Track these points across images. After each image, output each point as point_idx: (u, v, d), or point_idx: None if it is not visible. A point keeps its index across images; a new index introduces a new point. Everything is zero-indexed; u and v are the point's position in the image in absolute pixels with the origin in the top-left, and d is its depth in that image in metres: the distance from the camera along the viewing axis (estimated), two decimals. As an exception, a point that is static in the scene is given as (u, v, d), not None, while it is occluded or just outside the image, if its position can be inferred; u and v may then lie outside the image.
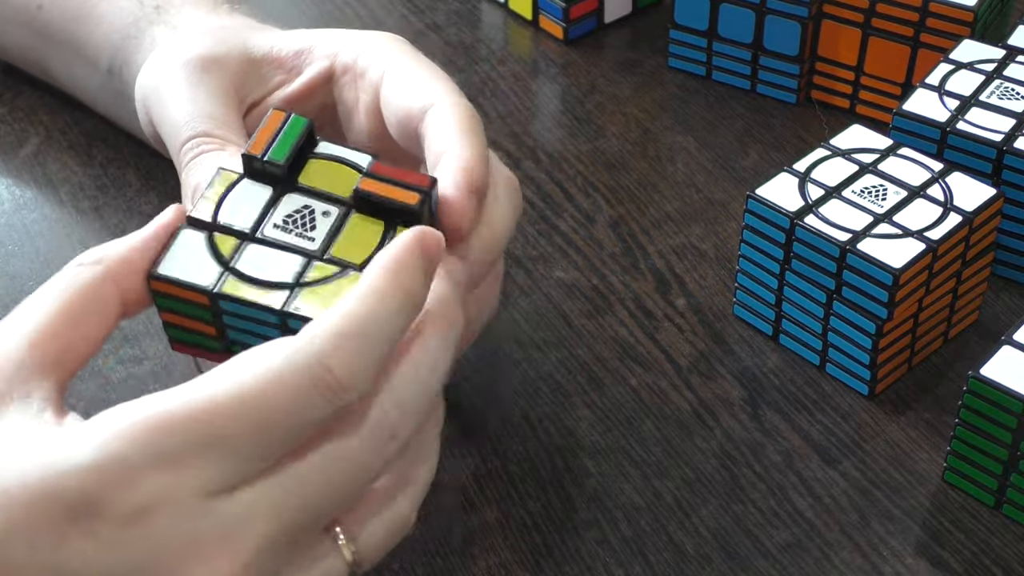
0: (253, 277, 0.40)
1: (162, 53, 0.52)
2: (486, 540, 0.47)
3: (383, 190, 0.42)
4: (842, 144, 0.54)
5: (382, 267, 0.37)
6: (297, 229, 0.42)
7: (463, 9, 0.75)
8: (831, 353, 0.53)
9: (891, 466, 0.50)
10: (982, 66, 0.58)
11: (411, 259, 0.37)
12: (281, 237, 0.41)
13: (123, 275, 0.39)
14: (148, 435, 0.33)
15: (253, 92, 0.51)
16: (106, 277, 0.38)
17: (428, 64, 0.49)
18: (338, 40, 0.51)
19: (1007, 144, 0.54)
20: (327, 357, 0.34)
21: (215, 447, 0.33)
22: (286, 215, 0.42)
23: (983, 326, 0.55)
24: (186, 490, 0.33)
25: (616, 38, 0.73)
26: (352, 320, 0.35)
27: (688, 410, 0.52)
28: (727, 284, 0.57)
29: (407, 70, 0.48)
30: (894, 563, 0.46)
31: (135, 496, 0.33)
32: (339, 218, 0.42)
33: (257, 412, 0.33)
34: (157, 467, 0.33)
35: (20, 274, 0.57)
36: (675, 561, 0.46)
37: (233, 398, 0.33)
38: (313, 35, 0.52)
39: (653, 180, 0.63)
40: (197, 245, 0.41)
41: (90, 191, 0.61)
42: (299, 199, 0.42)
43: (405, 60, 0.49)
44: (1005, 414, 0.46)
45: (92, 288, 0.38)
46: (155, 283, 0.40)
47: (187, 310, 0.40)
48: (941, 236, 0.50)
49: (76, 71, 0.61)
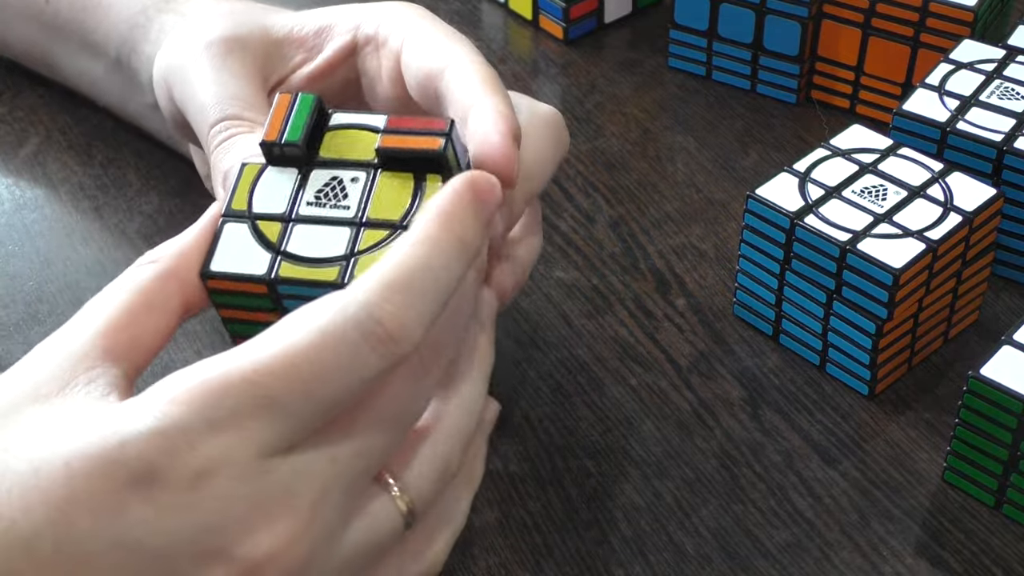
0: (306, 256, 0.40)
1: (183, 34, 0.52)
2: (486, 540, 0.47)
3: (403, 142, 0.41)
4: (842, 144, 0.54)
5: (432, 215, 0.36)
6: (331, 201, 0.41)
7: (463, 9, 0.75)
8: (831, 353, 0.53)
9: (891, 466, 0.50)
10: (982, 66, 0.58)
11: (461, 205, 0.36)
12: (318, 212, 0.41)
13: (181, 270, 0.39)
14: (203, 399, 0.33)
15: (276, 72, 0.51)
16: (165, 274, 0.39)
17: (445, 27, 0.49)
18: (356, 14, 0.51)
19: (1007, 144, 0.54)
20: (377, 309, 0.34)
21: (270, 408, 0.33)
22: (316, 191, 0.42)
23: (983, 326, 0.55)
24: (244, 452, 0.33)
25: (616, 38, 0.73)
26: (401, 270, 0.35)
27: (688, 410, 0.52)
28: (727, 284, 0.57)
29: (426, 33, 0.48)
30: (894, 563, 0.46)
31: (194, 460, 0.33)
32: (368, 181, 0.42)
33: (309, 371, 0.33)
34: (214, 430, 0.33)
35: (20, 274, 0.57)
36: (675, 561, 0.46)
37: (285, 358, 0.33)
38: (332, 12, 0.52)
39: (653, 180, 0.63)
40: (242, 236, 0.41)
41: (90, 191, 0.61)
42: (325, 173, 0.42)
43: (424, 24, 0.49)
44: (1005, 414, 0.46)
45: (152, 284, 0.38)
46: (210, 281, 0.40)
47: (245, 302, 0.40)
48: (941, 236, 0.50)
49: (82, 62, 0.61)
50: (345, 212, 0.41)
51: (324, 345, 0.33)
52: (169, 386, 0.34)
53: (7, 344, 0.54)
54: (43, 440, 0.34)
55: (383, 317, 0.34)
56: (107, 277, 0.56)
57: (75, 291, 0.56)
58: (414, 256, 0.35)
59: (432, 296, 0.35)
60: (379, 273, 0.35)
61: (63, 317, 0.54)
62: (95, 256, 0.58)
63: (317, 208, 0.41)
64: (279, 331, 0.34)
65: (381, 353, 0.34)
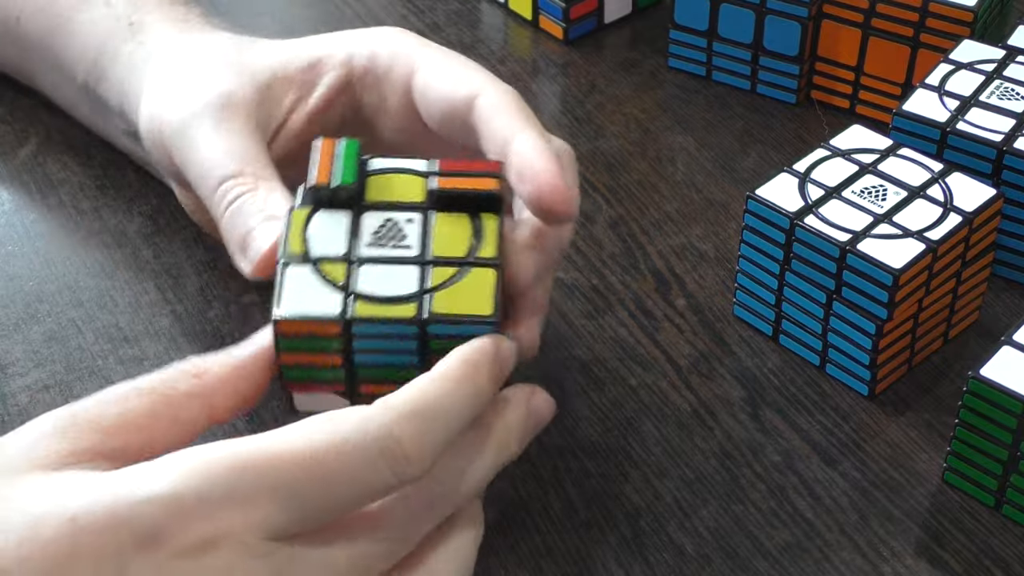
0: (378, 295, 0.40)
1: (170, 88, 0.51)
2: (486, 540, 0.47)
3: (461, 184, 0.43)
4: (842, 144, 0.54)
5: (456, 359, 0.38)
6: (391, 242, 0.42)
7: (463, 9, 0.75)
8: (831, 353, 0.53)
9: (891, 466, 0.50)
10: (982, 66, 0.58)
11: (485, 359, 0.39)
12: (380, 252, 0.42)
13: (218, 396, 0.39)
14: (224, 473, 0.34)
15: (272, 117, 0.50)
16: (202, 394, 0.39)
17: (454, 54, 0.49)
18: (345, 44, 0.51)
19: (1007, 144, 0.54)
20: (398, 429, 0.36)
21: (285, 493, 0.34)
22: (373, 232, 0.42)
23: (983, 326, 0.55)
24: (252, 529, 0.34)
25: (616, 38, 0.73)
26: (426, 400, 0.37)
27: (688, 410, 0.52)
28: (727, 284, 0.57)
29: (439, 63, 0.48)
30: (894, 563, 0.46)
31: (203, 528, 0.33)
32: (423, 222, 0.43)
33: (329, 469, 0.35)
34: (229, 503, 0.34)
35: (20, 274, 0.57)
36: (675, 561, 0.46)
37: (306, 451, 0.35)
38: (318, 44, 0.52)
39: (653, 180, 0.63)
40: (308, 279, 0.41)
41: (90, 191, 0.61)
42: (377, 215, 0.43)
43: (430, 53, 0.49)
44: (1005, 414, 0.46)
45: (185, 400, 0.39)
46: (283, 325, 0.40)
47: (314, 345, 0.40)
48: (941, 236, 0.50)
49: (55, 81, 0.62)
50: (408, 251, 0.42)
51: (345, 450, 0.35)
52: (188, 457, 0.34)
53: (7, 344, 0.54)
54: (46, 497, 0.34)
55: (402, 438, 0.36)
56: (107, 277, 0.57)
57: (75, 291, 0.56)
58: (436, 390, 0.37)
59: (445, 429, 0.37)
60: (405, 396, 0.37)
61: (63, 317, 0.55)
62: (95, 256, 0.58)
63: (378, 248, 0.42)
64: (302, 428, 0.36)
65: (394, 470, 0.36)
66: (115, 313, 0.55)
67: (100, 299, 0.56)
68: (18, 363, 0.53)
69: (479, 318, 0.40)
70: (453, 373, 0.38)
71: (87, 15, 0.58)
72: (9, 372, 0.53)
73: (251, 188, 0.46)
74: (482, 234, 0.42)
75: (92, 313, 0.55)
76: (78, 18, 0.58)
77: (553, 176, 0.42)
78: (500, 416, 0.41)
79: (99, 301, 0.56)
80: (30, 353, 0.53)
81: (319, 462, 0.35)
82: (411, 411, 0.36)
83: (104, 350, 0.53)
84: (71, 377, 0.52)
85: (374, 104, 0.51)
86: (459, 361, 0.38)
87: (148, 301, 0.56)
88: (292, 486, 0.34)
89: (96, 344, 0.54)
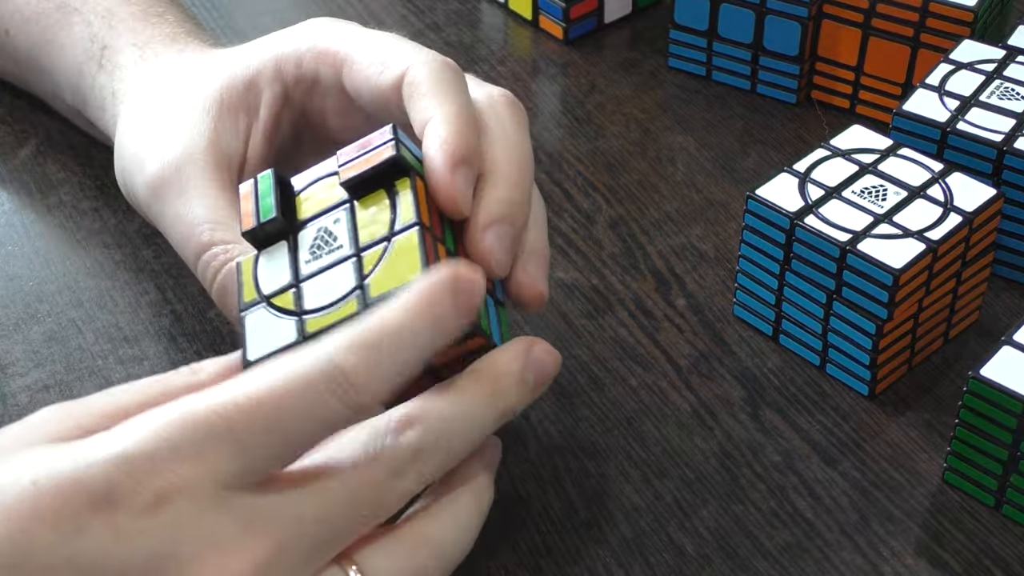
0: (324, 305, 0.41)
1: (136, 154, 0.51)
2: (486, 540, 0.47)
3: (359, 166, 0.43)
4: (842, 144, 0.54)
5: (411, 291, 0.38)
6: (325, 249, 0.43)
7: (463, 9, 0.75)
8: (831, 353, 0.53)
9: (891, 466, 0.50)
10: (982, 66, 0.58)
11: (440, 288, 0.38)
12: (319, 264, 0.42)
13: None
14: (170, 430, 0.34)
15: (234, 153, 0.50)
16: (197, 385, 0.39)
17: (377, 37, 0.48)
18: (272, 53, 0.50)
19: (1007, 144, 0.54)
20: (340, 358, 0.36)
21: (232, 440, 0.34)
22: (309, 248, 0.43)
23: (983, 326, 0.55)
24: (205, 481, 0.34)
25: (616, 38, 0.73)
26: (370, 329, 0.36)
27: (688, 410, 0.52)
28: (727, 284, 0.57)
29: (361, 54, 0.48)
30: (894, 563, 0.46)
31: (155, 485, 0.34)
32: (349, 216, 0.43)
33: (272, 407, 0.35)
34: (178, 459, 0.34)
35: (20, 274, 0.57)
36: (675, 561, 0.46)
37: (251, 398, 0.35)
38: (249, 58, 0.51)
39: (653, 180, 0.63)
40: (263, 318, 0.42)
41: (90, 191, 0.61)
42: (310, 230, 0.43)
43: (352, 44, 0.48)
44: (1005, 414, 0.46)
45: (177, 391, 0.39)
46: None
47: None
48: (941, 236, 0.50)
49: (48, 93, 0.62)
50: (341, 251, 0.42)
51: (287, 386, 0.35)
52: (142, 418, 0.35)
53: (7, 344, 0.54)
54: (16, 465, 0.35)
55: (346, 366, 0.35)
56: (107, 277, 0.57)
57: (75, 291, 0.56)
58: (383, 319, 0.37)
59: (393, 356, 0.36)
60: (347, 330, 0.36)
61: (63, 317, 0.55)
62: (95, 256, 0.58)
63: (316, 261, 0.42)
64: (249, 375, 0.36)
65: (342, 400, 0.35)
66: (115, 313, 0.55)
67: (100, 299, 0.56)
68: (18, 363, 0.53)
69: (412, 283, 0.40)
70: (403, 303, 0.37)
71: (68, 33, 0.58)
72: (9, 372, 0.53)
73: (228, 256, 0.46)
74: (397, 202, 0.42)
75: (92, 313, 0.55)
76: (61, 36, 0.58)
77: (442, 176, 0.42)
78: (492, 364, 0.40)
79: (99, 301, 0.56)
80: (30, 353, 0.53)
81: (263, 403, 0.35)
82: (353, 341, 0.36)
83: (104, 350, 0.53)
84: (71, 377, 0.52)
85: (317, 108, 0.51)
86: (412, 292, 0.38)
87: (148, 301, 0.56)
88: (238, 432, 0.34)
89: (96, 344, 0.54)
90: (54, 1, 0.59)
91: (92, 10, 0.58)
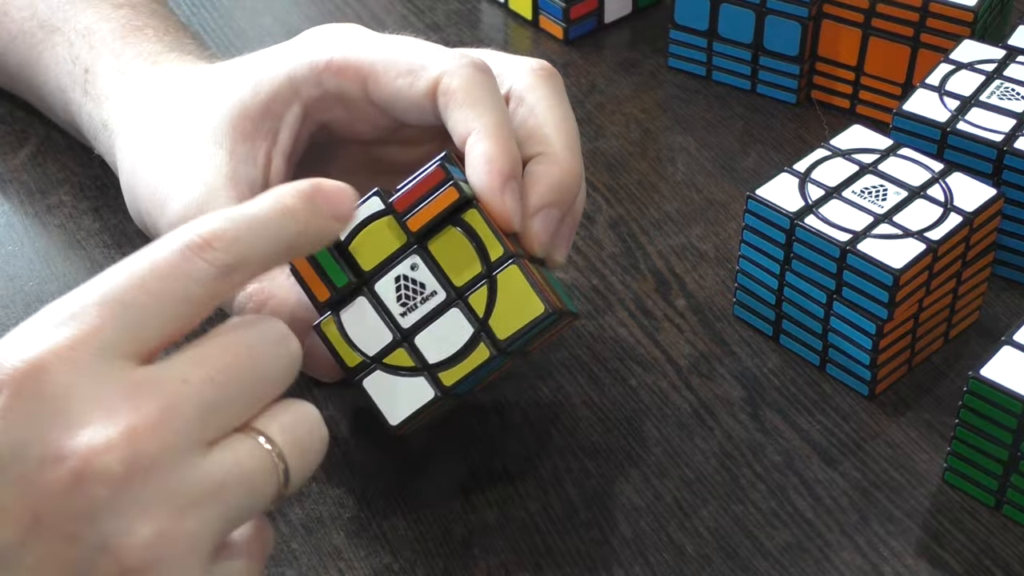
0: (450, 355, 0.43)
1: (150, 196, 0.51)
2: (486, 540, 0.47)
3: (430, 212, 0.43)
4: (842, 144, 0.54)
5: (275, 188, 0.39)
6: (417, 298, 0.43)
7: (463, 9, 0.75)
8: (831, 353, 0.53)
9: (891, 466, 0.50)
10: (982, 66, 0.58)
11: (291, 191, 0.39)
12: (419, 314, 0.43)
13: None
14: (53, 305, 0.35)
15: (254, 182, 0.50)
16: None
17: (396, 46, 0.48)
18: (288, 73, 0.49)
19: (1007, 144, 0.54)
20: (199, 226, 0.37)
21: (108, 306, 0.35)
22: (395, 300, 0.43)
23: (983, 326, 0.55)
24: (84, 348, 0.34)
25: (616, 38, 0.73)
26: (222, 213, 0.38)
27: (688, 410, 0.52)
28: (727, 284, 0.57)
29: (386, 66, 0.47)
30: (894, 563, 0.46)
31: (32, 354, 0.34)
32: (425, 259, 0.43)
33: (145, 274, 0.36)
34: (55, 324, 0.35)
35: (20, 274, 0.57)
36: (675, 561, 0.46)
37: (123, 270, 0.36)
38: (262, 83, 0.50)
39: (653, 180, 0.63)
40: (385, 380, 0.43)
41: (90, 191, 0.61)
42: (385, 281, 0.43)
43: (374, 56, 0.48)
44: (1005, 414, 0.46)
45: None
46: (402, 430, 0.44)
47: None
48: (941, 236, 0.50)
49: (42, 108, 0.62)
50: (437, 297, 0.43)
51: (156, 255, 0.36)
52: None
53: (7, 344, 0.54)
54: None
55: (202, 231, 0.37)
56: (107, 277, 0.56)
57: (75, 291, 0.56)
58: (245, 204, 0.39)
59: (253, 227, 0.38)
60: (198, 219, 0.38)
61: (63, 317, 0.55)
62: (95, 256, 0.58)
63: (413, 313, 0.43)
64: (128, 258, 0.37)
65: (203, 257, 0.36)
66: (115, 313, 0.55)
67: (100, 299, 0.56)
68: (18, 363, 0.53)
69: (538, 319, 0.42)
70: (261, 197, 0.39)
71: (51, 53, 0.58)
72: (9, 372, 0.52)
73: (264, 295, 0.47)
74: (478, 238, 0.43)
75: (92, 313, 0.55)
76: (45, 56, 0.58)
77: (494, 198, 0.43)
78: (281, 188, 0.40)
79: (99, 301, 0.55)
80: (30, 353, 0.53)
81: (137, 275, 0.36)
82: (212, 215, 0.37)
83: (104, 350, 0.53)
84: (71, 377, 0.52)
85: (341, 119, 0.50)
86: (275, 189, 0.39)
87: (148, 301, 0.55)
88: (117, 301, 0.35)
89: (96, 344, 0.54)
90: (38, 19, 0.59)
91: (73, 28, 0.57)
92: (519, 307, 0.42)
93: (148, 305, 0.36)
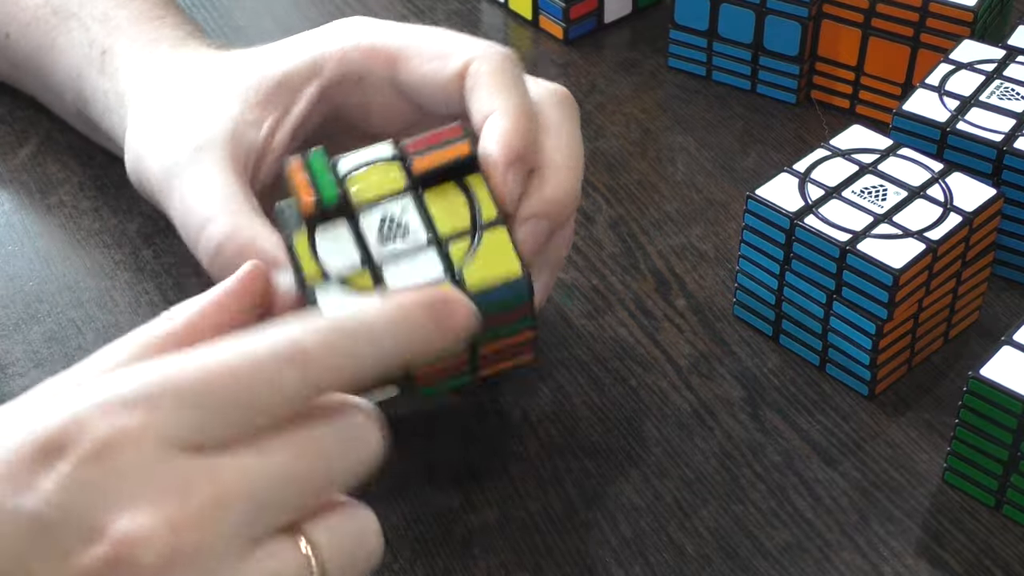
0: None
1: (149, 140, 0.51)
2: (486, 540, 0.47)
3: (437, 159, 0.43)
4: (842, 144, 0.54)
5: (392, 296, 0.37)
6: (397, 234, 0.43)
7: (463, 9, 0.75)
8: (831, 353, 0.53)
9: (891, 466, 0.50)
10: (982, 66, 0.58)
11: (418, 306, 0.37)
12: (394, 249, 0.42)
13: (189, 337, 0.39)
14: (125, 377, 0.34)
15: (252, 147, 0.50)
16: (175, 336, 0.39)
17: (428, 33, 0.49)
18: (311, 53, 0.50)
19: (1007, 144, 0.54)
20: (301, 337, 0.35)
21: (187, 399, 0.34)
22: (376, 231, 0.43)
23: (983, 326, 0.55)
24: (152, 433, 0.33)
25: (616, 38, 0.73)
26: (336, 319, 0.36)
27: (688, 410, 0.52)
28: (727, 284, 0.57)
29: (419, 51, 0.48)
30: (894, 563, 0.46)
31: (101, 431, 0.33)
32: (417, 205, 0.43)
33: (232, 374, 0.34)
34: (127, 406, 0.34)
35: (20, 274, 0.57)
36: (675, 561, 0.46)
37: (211, 358, 0.35)
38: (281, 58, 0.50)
39: (653, 180, 0.63)
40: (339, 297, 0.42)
41: (90, 191, 0.61)
42: (372, 214, 0.43)
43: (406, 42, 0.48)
44: (1005, 414, 0.46)
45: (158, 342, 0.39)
46: None
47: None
48: (941, 236, 0.50)
49: (48, 99, 0.62)
50: (417, 238, 0.43)
51: (248, 354, 0.35)
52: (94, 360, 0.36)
53: (7, 344, 0.54)
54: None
55: (307, 344, 0.35)
56: (107, 277, 0.57)
57: (75, 291, 0.56)
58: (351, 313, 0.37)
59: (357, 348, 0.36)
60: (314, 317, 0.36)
61: (63, 317, 0.55)
62: (95, 256, 0.58)
63: (389, 246, 0.43)
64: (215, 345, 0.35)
65: (301, 374, 0.35)
66: (115, 313, 0.55)
67: (100, 299, 0.56)
68: (18, 363, 0.53)
69: (512, 282, 0.42)
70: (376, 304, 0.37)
71: (66, 38, 0.58)
72: (9, 372, 0.53)
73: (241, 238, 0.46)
74: (475, 198, 0.43)
75: (92, 313, 0.55)
76: (60, 41, 0.58)
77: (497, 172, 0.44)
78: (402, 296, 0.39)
79: (99, 301, 0.56)
80: (30, 353, 0.53)
81: (223, 367, 0.34)
82: (319, 326, 0.36)
83: (104, 350, 0.53)
84: (71, 377, 0.52)
85: (358, 104, 0.51)
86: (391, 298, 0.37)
87: (148, 301, 0.56)
88: (196, 392, 0.34)
89: (96, 344, 0.53)
90: (51, 5, 0.59)
91: (89, 14, 0.57)
92: (497, 265, 0.42)
93: (224, 409, 0.34)
